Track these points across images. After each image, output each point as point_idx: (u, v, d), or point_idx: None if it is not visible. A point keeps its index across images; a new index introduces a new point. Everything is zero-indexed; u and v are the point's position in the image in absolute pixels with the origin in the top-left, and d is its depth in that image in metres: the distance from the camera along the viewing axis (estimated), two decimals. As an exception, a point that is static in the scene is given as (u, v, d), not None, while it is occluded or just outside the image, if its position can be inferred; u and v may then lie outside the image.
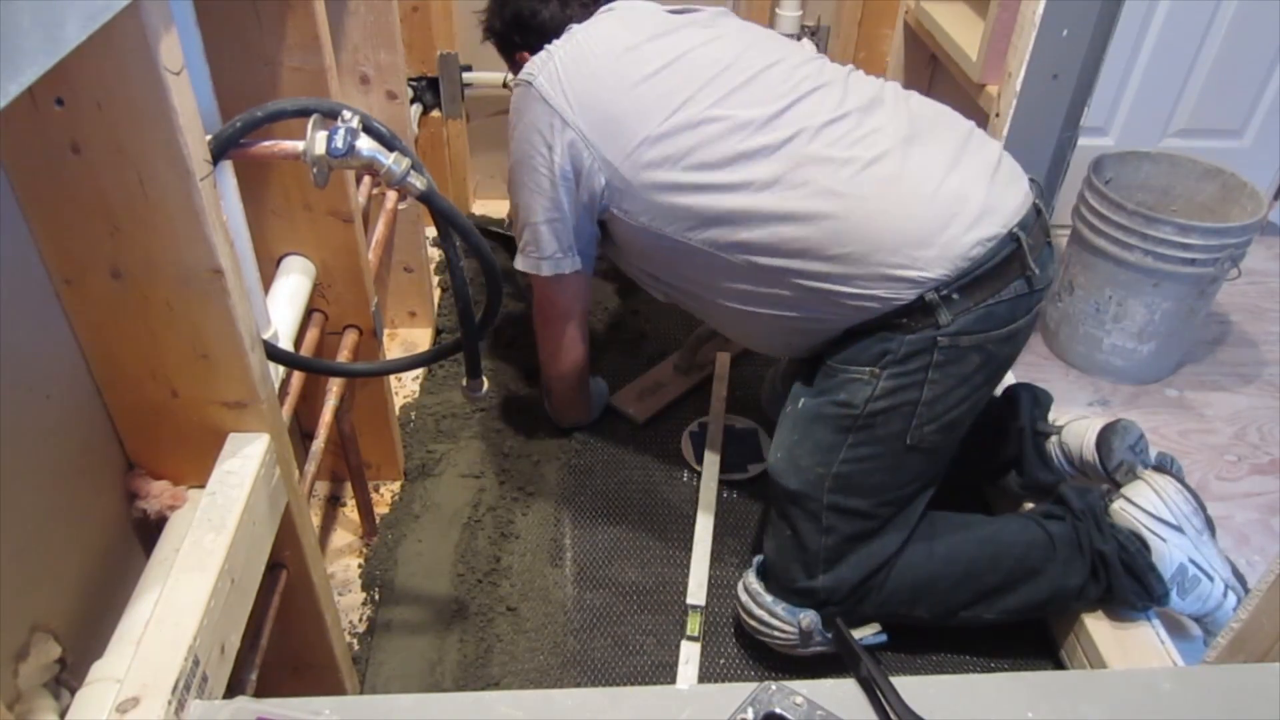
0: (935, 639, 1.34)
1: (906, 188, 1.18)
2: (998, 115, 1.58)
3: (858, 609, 1.25)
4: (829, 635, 1.25)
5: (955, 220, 1.16)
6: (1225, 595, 1.26)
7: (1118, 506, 1.28)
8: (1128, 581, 1.23)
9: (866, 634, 1.27)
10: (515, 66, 1.49)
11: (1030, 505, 1.42)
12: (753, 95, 1.24)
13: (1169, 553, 1.23)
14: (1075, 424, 1.39)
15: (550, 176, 1.31)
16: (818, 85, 1.25)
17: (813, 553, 1.23)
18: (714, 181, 1.22)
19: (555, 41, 1.33)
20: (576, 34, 1.33)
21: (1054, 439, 1.40)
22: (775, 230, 1.20)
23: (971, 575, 1.26)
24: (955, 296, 1.15)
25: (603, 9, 1.40)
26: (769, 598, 1.26)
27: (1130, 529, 1.25)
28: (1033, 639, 1.36)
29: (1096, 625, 1.28)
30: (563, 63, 1.30)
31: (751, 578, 1.30)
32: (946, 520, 1.30)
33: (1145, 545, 1.24)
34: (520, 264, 1.43)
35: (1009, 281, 1.17)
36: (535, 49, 1.35)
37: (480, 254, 0.97)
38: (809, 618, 1.24)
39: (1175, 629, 1.29)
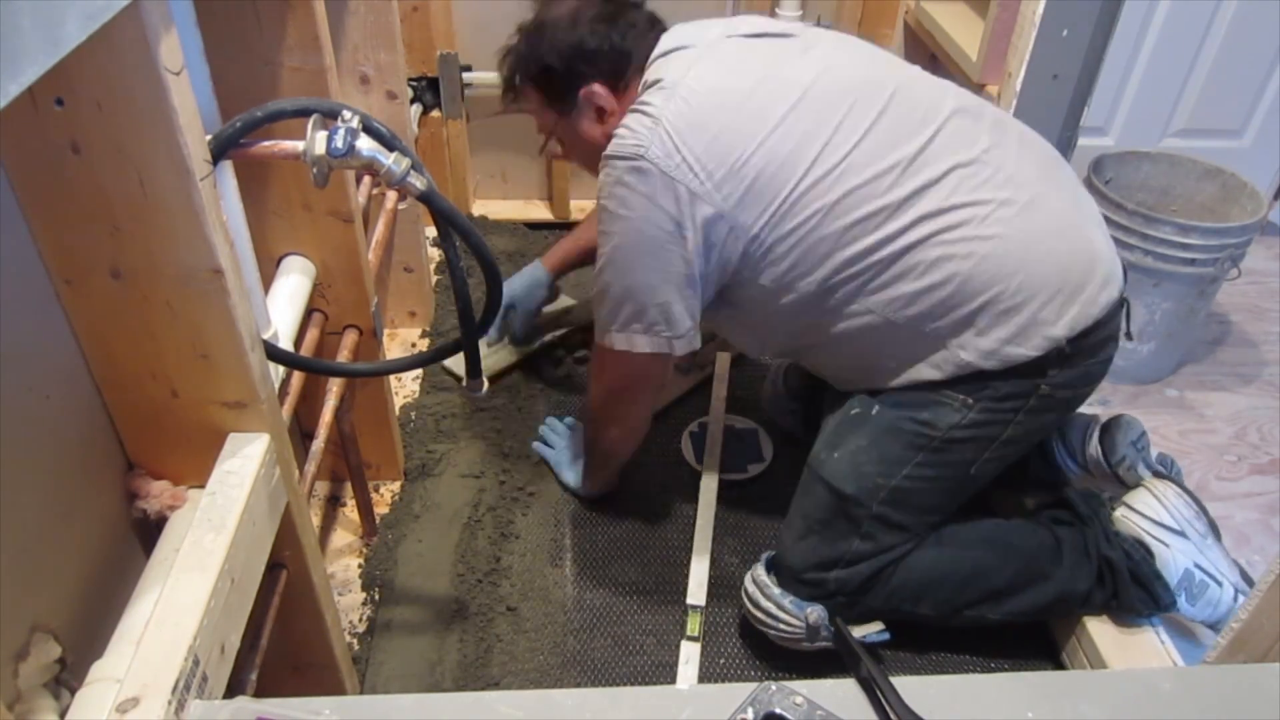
0: (936, 639, 1.34)
1: (1056, 236, 1.15)
2: (998, 115, 1.58)
3: (862, 601, 1.25)
4: (834, 629, 1.25)
5: (1092, 277, 1.15)
6: (1236, 600, 1.26)
7: (1120, 514, 1.28)
8: (1135, 590, 1.23)
9: (870, 631, 1.27)
10: (567, 104, 1.29)
11: (1030, 501, 1.41)
12: (891, 130, 1.14)
13: (1173, 558, 1.23)
14: (1077, 419, 1.39)
15: (684, 255, 1.17)
16: (952, 111, 1.17)
17: (840, 552, 1.23)
18: (865, 231, 1.14)
19: (652, 102, 1.17)
20: (677, 89, 1.16)
21: (1055, 435, 1.40)
22: (927, 279, 1.13)
23: (978, 575, 1.26)
24: (1069, 353, 1.15)
25: (673, 39, 1.26)
26: (776, 590, 1.26)
27: (1134, 537, 1.25)
28: (1033, 639, 1.36)
29: (1097, 626, 1.28)
30: (676, 128, 1.14)
31: (760, 570, 1.30)
32: (955, 520, 1.30)
33: (1149, 552, 1.24)
34: (645, 345, 1.24)
35: (1110, 343, 1.20)
36: (614, 77, 1.25)
37: (480, 254, 0.97)
38: (816, 613, 1.24)
39: (1176, 630, 1.29)
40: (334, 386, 1.29)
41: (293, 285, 1.24)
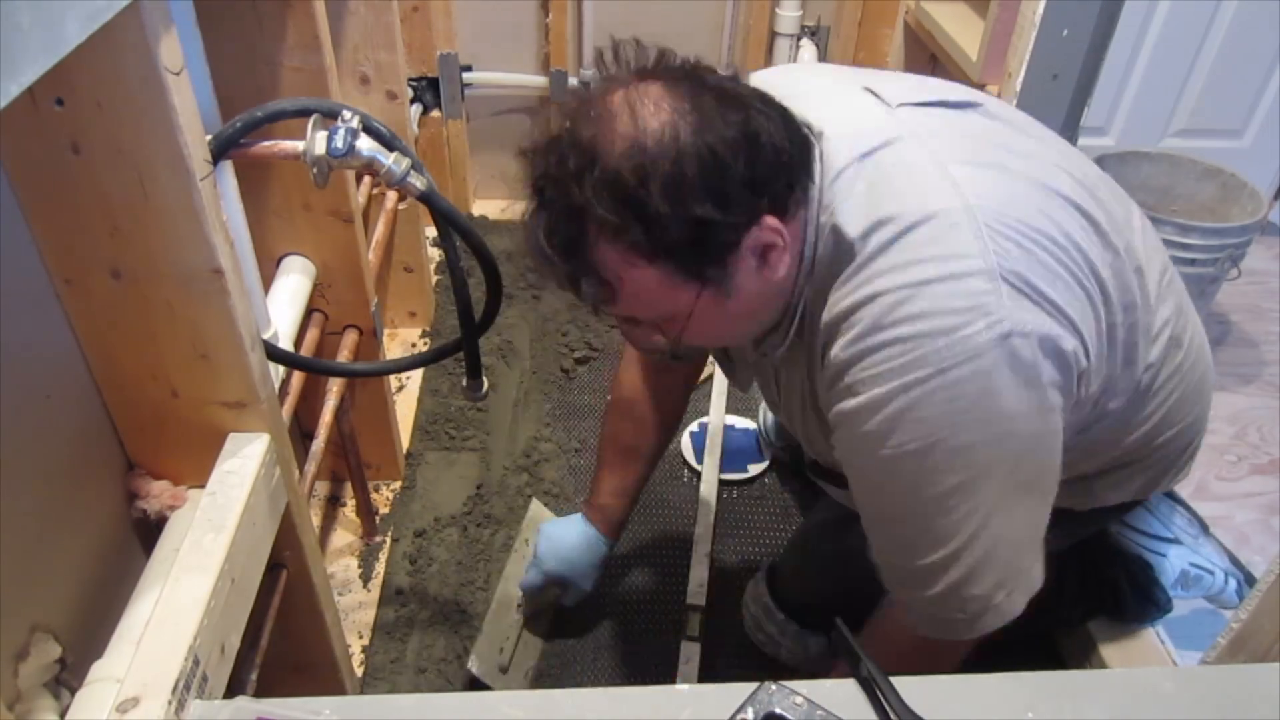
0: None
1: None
2: (998, 115, 1.58)
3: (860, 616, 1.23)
4: (835, 654, 1.24)
5: None
6: (1226, 581, 1.27)
7: (1115, 531, 1.28)
8: (1135, 604, 1.23)
9: None
10: (714, 270, 0.77)
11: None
12: (1115, 222, 0.87)
13: (1169, 565, 1.24)
14: None
15: (1056, 468, 0.82)
16: (1116, 190, 0.96)
17: (852, 601, 0.97)
18: (1152, 349, 0.91)
19: (929, 253, 0.74)
20: (966, 220, 0.75)
21: None
22: (1180, 390, 0.96)
23: None
24: None
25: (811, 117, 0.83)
26: (780, 615, 1.26)
27: (1132, 554, 1.25)
28: (1033, 639, 1.36)
29: (1097, 626, 1.28)
30: (1029, 284, 0.74)
31: (763, 589, 1.29)
32: None
33: (1148, 565, 1.24)
34: (982, 628, 0.86)
35: None
36: (792, 204, 0.79)
37: (480, 254, 0.97)
38: (818, 645, 1.23)
39: (1176, 630, 1.29)
40: (334, 386, 1.29)
41: (293, 285, 1.24)
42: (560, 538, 1.27)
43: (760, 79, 0.87)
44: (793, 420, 1.00)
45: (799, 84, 0.88)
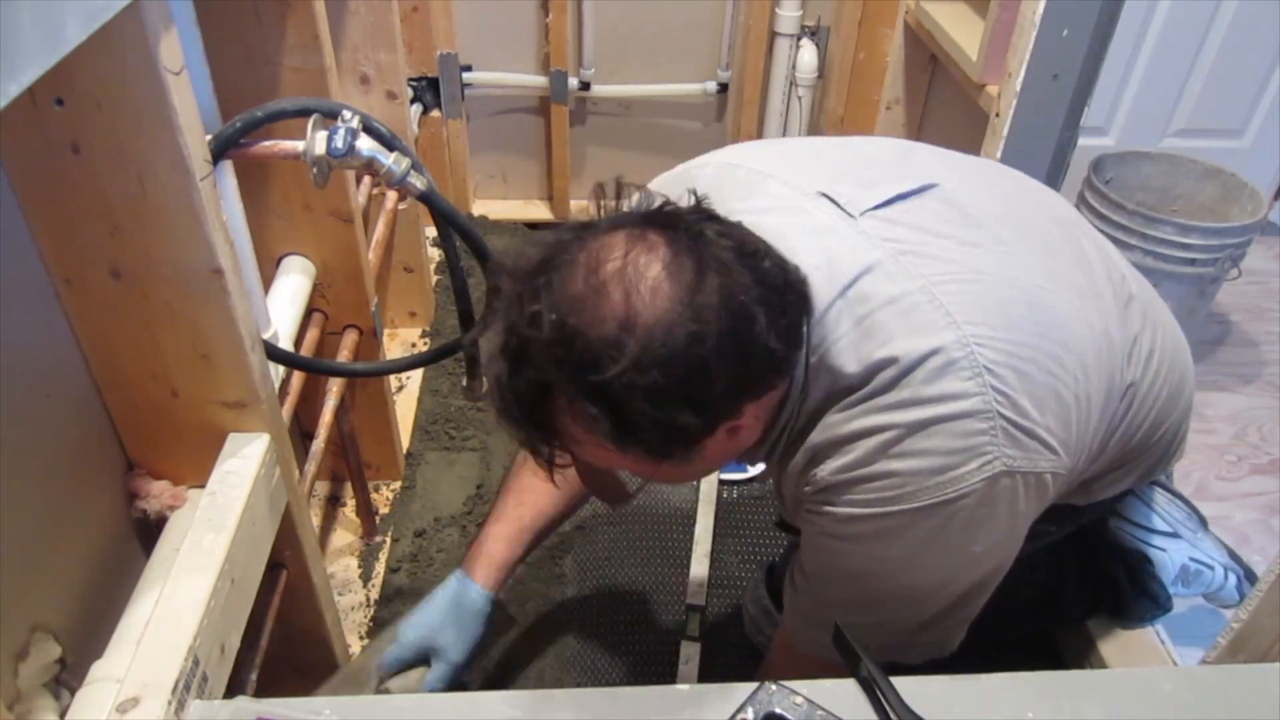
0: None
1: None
2: (998, 115, 1.58)
3: None
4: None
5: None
6: (1226, 577, 1.27)
7: (1114, 526, 1.28)
8: (1136, 601, 1.23)
9: None
10: (689, 450, 0.73)
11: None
12: (1091, 276, 0.89)
13: (1169, 560, 1.24)
14: None
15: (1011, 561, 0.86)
16: (1074, 221, 0.97)
17: None
18: (1128, 371, 0.91)
19: (961, 398, 0.74)
20: (975, 360, 0.75)
21: None
22: (1165, 388, 0.97)
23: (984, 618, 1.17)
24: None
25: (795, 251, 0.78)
26: (780, 616, 1.25)
27: (1132, 549, 1.25)
28: (1033, 640, 1.36)
29: (1097, 625, 1.28)
30: (1018, 411, 0.75)
31: (763, 590, 1.29)
32: None
33: (1148, 560, 1.24)
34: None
35: None
36: (783, 382, 0.78)
37: (480, 254, 0.97)
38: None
39: (1176, 630, 1.29)
40: (334, 386, 1.29)
41: (293, 285, 1.24)
42: (428, 596, 1.04)
43: (705, 179, 0.86)
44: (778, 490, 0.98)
45: (753, 193, 0.85)
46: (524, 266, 0.70)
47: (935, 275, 0.78)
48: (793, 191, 0.85)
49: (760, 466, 1.60)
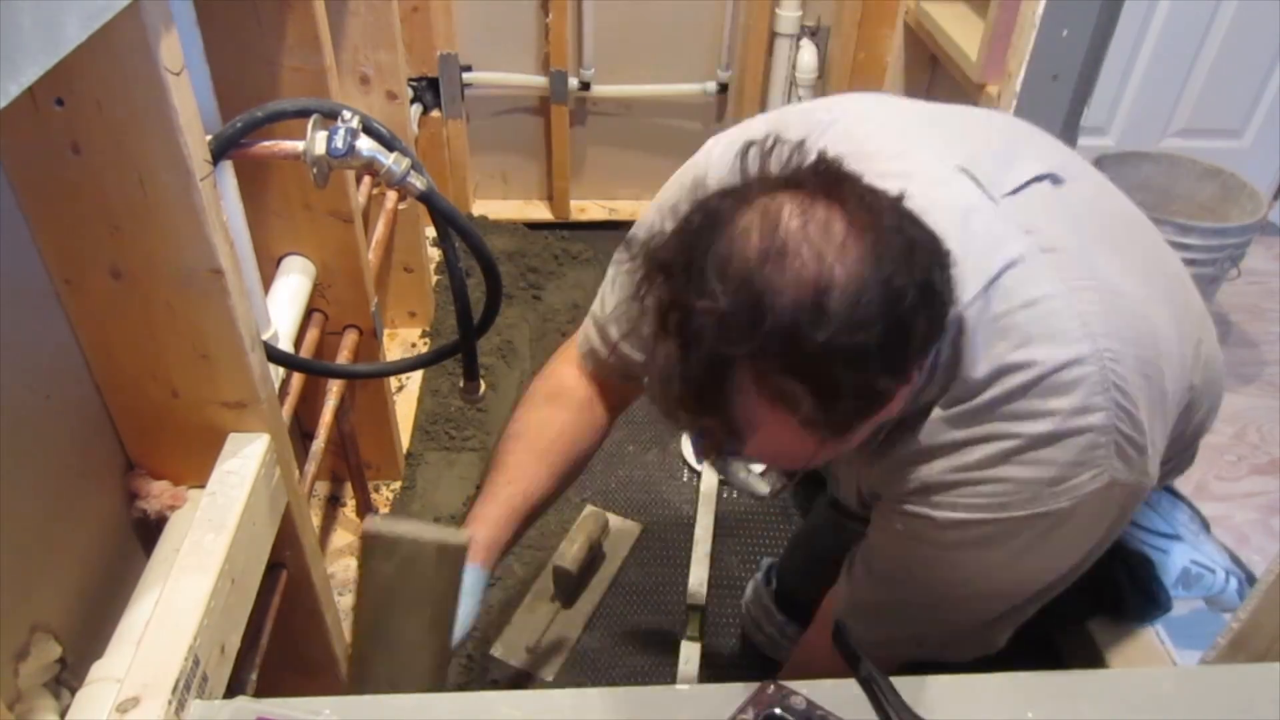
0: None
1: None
2: (998, 115, 1.58)
3: None
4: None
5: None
6: (1227, 581, 1.27)
7: None
8: (1136, 602, 1.23)
9: None
10: (857, 422, 0.70)
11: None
12: (1175, 305, 0.88)
13: (1171, 562, 1.24)
14: None
15: None
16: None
17: None
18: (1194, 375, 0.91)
19: (1087, 413, 0.73)
20: (1106, 376, 0.73)
21: None
22: (1214, 384, 0.98)
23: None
24: None
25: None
26: (781, 616, 1.25)
27: (1134, 550, 1.25)
28: (1033, 639, 1.36)
29: (1097, 625, 1.28)
30: (1134, 426, 0.75)
31: (763, 589, 1.29)
32: None
33: (1150, 561, 1.24)
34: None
35: None
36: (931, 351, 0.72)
37: (480, 254, 0.97)
38: None
39: (1176, 630, 1.29)
40: (334, 387, 1.29)
41: (293, 285, 1.24)
42: None
43: (835, 136, 0.79)
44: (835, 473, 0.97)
45: (899, 158, 0.79)
46: (670, 242, 0.65)
47: (1074, 281, 0.75)
48: (939, 164, 0.80)
49: (761, 466, 1.61)
